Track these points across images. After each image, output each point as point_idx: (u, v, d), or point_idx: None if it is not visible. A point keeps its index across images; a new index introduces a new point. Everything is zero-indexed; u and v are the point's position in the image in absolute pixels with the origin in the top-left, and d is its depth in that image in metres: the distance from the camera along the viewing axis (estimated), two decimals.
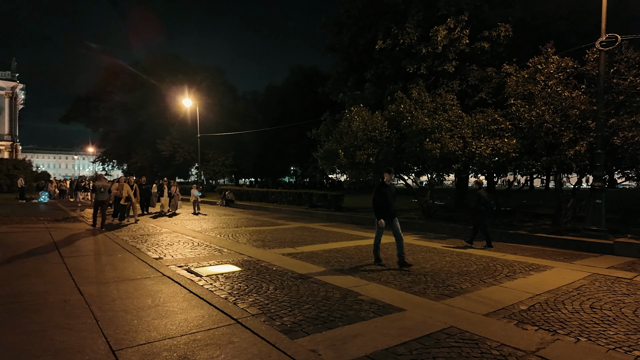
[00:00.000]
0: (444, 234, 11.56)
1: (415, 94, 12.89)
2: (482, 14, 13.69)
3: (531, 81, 11.01)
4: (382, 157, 12.78)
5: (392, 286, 5.78)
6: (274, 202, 23.48)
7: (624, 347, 3.69)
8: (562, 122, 10.24)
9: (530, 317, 4.47)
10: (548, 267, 7.20)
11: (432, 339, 3.82)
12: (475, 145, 10.88)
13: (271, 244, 9.61)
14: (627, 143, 9.15)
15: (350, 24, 16.94)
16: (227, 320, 4.16)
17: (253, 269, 6.80)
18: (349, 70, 18.11)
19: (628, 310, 4.77)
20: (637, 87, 9.62)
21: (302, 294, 5.27)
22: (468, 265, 7.25)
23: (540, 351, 3.56)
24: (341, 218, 15.83)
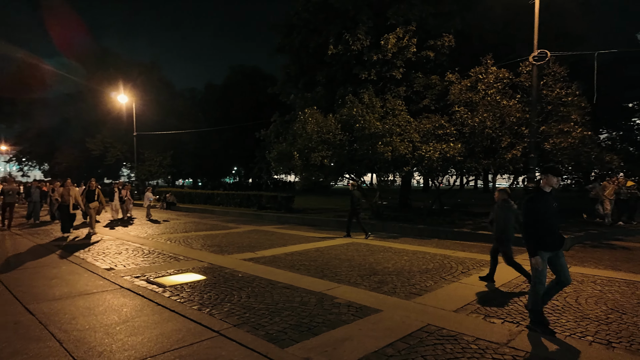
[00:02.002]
0: (394, 233, 12.06)
1: (367, 98, 13.30)
2: (427, 25, 14.50)
3: (473, 90, 11.91)
4: (335, 159, 13.01)
5: (363, 287, 5.93)
6: (220, 204, 22.78)
7: (577, 333, 4.16)
8: (501, 128, 11.21)
9: (494, 311, 4.86)
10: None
11: (414, 337, 4.00)
12: (424, 149, 11.51)
13: (229, 248, 9.34)
14: (556, 148, 10.28)
15: (300, 27, 16.99)
16: (208, 333, 4.00)
17: (218, 276, 6.58)
18: (300, 72, 18.15)
19: (571, 299, 5.38)
20: (562, 99, 10.85)
21: (278, 301, 5.21)
22: (426, 264, 7.66)
23: (511, 342, 3.89)
24: (293, 220, 15.82)
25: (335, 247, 9.66)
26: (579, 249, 9.46)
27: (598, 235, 11.12)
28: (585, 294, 5.63)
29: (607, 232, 11.48)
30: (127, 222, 15.28)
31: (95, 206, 11.99)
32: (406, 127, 12.69)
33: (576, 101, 10.90)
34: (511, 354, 3.62)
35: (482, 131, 11.21)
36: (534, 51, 10.61)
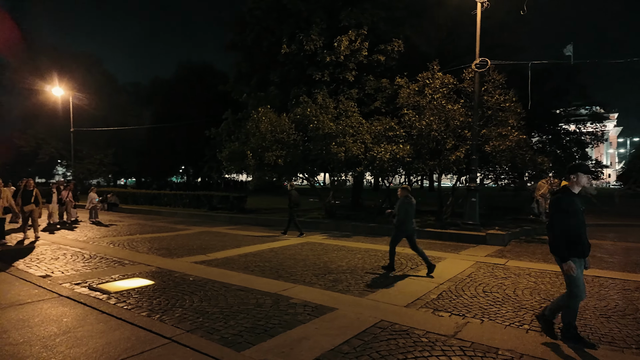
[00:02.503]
0: (347, 232, 12.29)
1: (320, 99, 13.43)
2: (378, 29, 14.94)
3: (420, 94, 12.45)
4: (290, 159, 13.00)
5: (318, 286, 5.99)
6: (167, 205, 21.82)
7: (515, 322, 4.51)
8: (446, 131, 11.83)
9: (442, 305, 5.13)
10: (442, 258, 8.28)
11: (369, 334, 4.12)
12: (376, 150, 11.85)
13: (178, 251, 9.00)
14: (495, 150, 11.04)
15: (253, 24, 16.76)
16: (159, 340, 3.83)
17: (168, 280, 6.32)
18: (252, 71, 17.90)
19: (509, 291, 5.82)
20: (501, 104, 11.68)
21: (232, 304, 5.12)
22: (378, 261, 7.90)
23: (458, 334, 4.13)
24: (246, 220, 15.57)
25: (289, 247, 9.66)
26: (515, 244, 10.24)
27: (531, 231, 12.10)
28: (522, 285, 6.11)
29: (538, 228, 12.52)
30: (67, 225, 14.16)
31: (32, 209, 10.97)
32: (359, 129, 12.99)
33: (513, 107, 11.79)
34: (458, 345, 3.84)
35: (428, 134, 11.76)
36: (476, 59, 11.32)
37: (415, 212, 7.13)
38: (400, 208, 6.97)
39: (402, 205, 6.98)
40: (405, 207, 6.94)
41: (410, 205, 6.97)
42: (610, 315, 4.81)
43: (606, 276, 6.74)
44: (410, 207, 6.96)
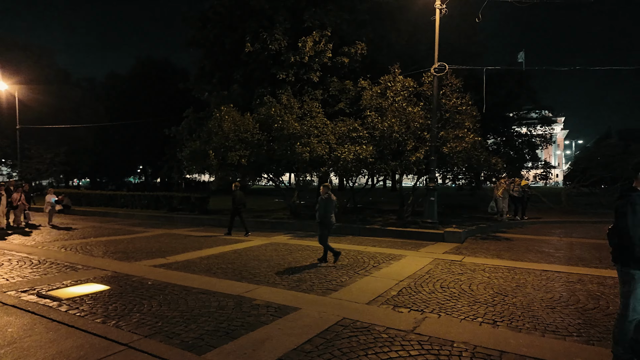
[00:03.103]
0: (312, 232, 12.33)
1: (285, 99, 13.40)
2: (341, 31, 15.11)
3: (383, 96, 12.73)
4: (253, 158, 12.88)
5: (282, 287, 5.99)
6: (125, 206, 20.91)
7: (470, 316, 4.74)
8: (406, 132, 12.17)
9: (402, 301, 5.29)
10: (402, 256, 8.52)
11: (331, 332, 4.18)
12: (340, 150, 11.99)
13: (136, 255, 8.67)
14: (452, 152, 11.49)
15: (216, 21, 16.42)
16: (115, 347, 3.69)
17: (125, 285, 6.08)
18: (214, 68, 17.52)
19: (465, 286, 6.09)
20: (458, 107, 12.18)
21: (193, 307, 5.01)
22: (341, 260, 8.00)
23: (416, 329, 4.28)
24: (208, 222, 15.23)
25: (253, 248, 9.57)
26: (471, 241, 10.72)
27: (486, 228, 12.71)
28: (476, 280, 6.42)
29: (493, 226, 13.18)
30: (20, 230, 13.18)
31: None
32: (323, 129, 13.08)
33: (469, 110, 12.33)
34: (417, 340, 3.99)
35: (390, 135, 12.05)
36: (435, 63, 11.74)
37: (335, 208, 7.76)
38: (321, 204, 7.59)
39: (322, 201, 7.60)
40: (325, 204, 7.56)
41: (330, 202, 7.59)
42: (555, 306, 5.16)
43: (553, 270, 7.22)
44: (328, 203, 7.57)
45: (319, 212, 7.65)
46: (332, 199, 7.68)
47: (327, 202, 7.61)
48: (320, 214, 7.62)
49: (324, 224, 7.65)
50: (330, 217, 7.64)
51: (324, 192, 7.76)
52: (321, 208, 7.60)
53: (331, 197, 7.69)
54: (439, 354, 3.65)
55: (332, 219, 7.67)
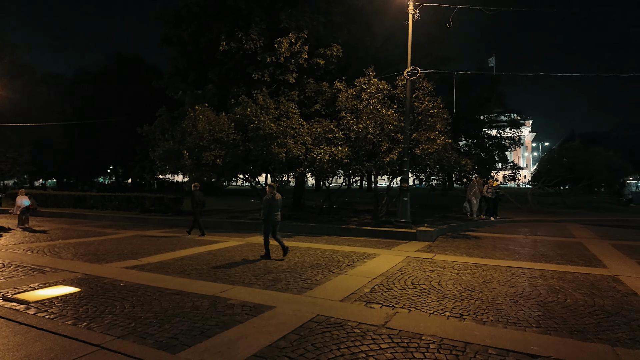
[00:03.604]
0: (288, 232, 12.38)
1: (261, 100, 13.39)
2: (317, 32, 15.23)
3: (358, 98, 12.95)
4: (229, 159, 12.81)
5: (257, 287, 6.05)
6: (94, 207, 20.29)
7: (438, 310, 4.95)
8: (381, 134, 12.44)
9: (374, 298, 5.46)
10: (376, 254, 8.72)
11: (305, 328, 4.28)
12: (316, 151, 12.11)
13: (107, 257, 8.49)
14: (424, 153, 11.83)
15: (190, 19, 16.18)
16: (87, 348, 3.66)
17: (96, 287, 5.97)
18: (189, 67, 17.25)
19: (435, 282, 6.33)
20: (429, 110, 12.54)
21: (167, 308, 4.99)
22: (317, 259, 8.12)
23: (387, 323, 4.45)
24: (182, 223, 14.98)
25: (228, 249, 9.54)
26: (442, 239, 11.07)
27: (457, 227, 13.14)
28: (446, 277, 6.67)
29: (463, 225, 13.64)
30: None
31: None
32: (299, 130, 13.16)
33: (440, 113, 12.72)
34: (387, 333, 4.15)
35: (365, 136, 12.28)
36: (408, 67, 12.06)
37: (279, 206, 8.32)
38: (264, 203, 8.18)
39: (266, 200, 8.18)
40: (268, 202, 8.14)
41: (273, 201, 8.19)
42: (517, 300, 5.45)
43: (517, 266, 7.58)
44: (272, 202, 8.17)
45: (262, 211, 8.22)
46: (276, 198, 8.23)
47: (271, 201, 8.18)
48: (263, 212, 8.18)
49: (268, 221, 8.21)
50: (274, 215, 8.22)
51: (269, 192, 8.29)
52: (266, 207, 8.16)
53: (275, 196, 8.24)
54: (408, 346, 3.82)
55: (276, 217, 8.24)
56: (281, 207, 8.52)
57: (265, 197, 8.23)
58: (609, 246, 9.86)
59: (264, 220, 8.24)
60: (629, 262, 7.98)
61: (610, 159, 20.12)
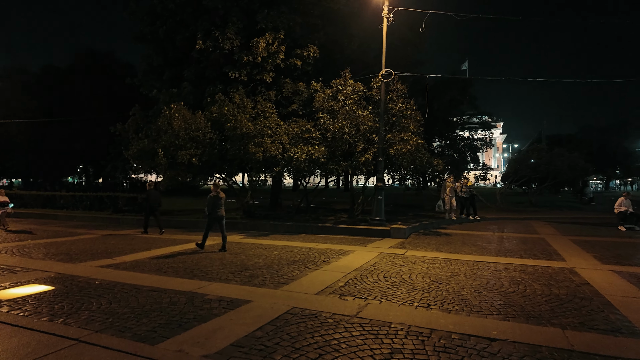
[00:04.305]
0: (265, 231, 12.51)
1: (238, 99, 13.43)
2: (294, 33, 15.39)
3: (334, 99, 13.21)
4: (205, 158, 12.79)
5: (234, 283, 6.17)
6: (64, 207, 19.71)
7: (408, 301, 5.24)
8: (356, 134, 12.73)
9: (348, 291, 5.69)
10: (351, 251, 8.98)
11: (281, 320, 4.46)
12: (293, 151, 12.27)
13: (81, 256, 8.39)
14: (398, 153, 12.21)
15: (165, 17, 16.01)
16: (65, 342, 3.72)
17: (70, 285, 5.94)
18: (164, 65, 17.05)
19: (405, 276, 6.63)
20: (403, 112, 12.94)
21: (144, 304, 5.06)
22: (293, 256, 8.29)
23: (359, 314, 4.68)
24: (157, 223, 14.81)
25: (205, 247, 9.57)
26: (415, 236, 11.46)
27: (429, 225, 13.60)
28: (416, 271, 6.99)
29: (435, 222, 14.12)
30: None
31: None
32: (276, 130, 13.29)
33: (413, 114, 13.14)
34: (359, 322, 4.38)
35: (341, 137, 12.54)
36: (383, 70, 12.41)
37: (222, 204, 9.06)
38: (209, 200, 8.97)
39: (210, 198, 8.97)
40: (212, 200, 8.92)
41: (216, 199, 8.93)
42: (482, 290, 5.81)
43: (484, 260, 8.00)
44: (215, 200, 8.93)
45: (207, 207, 8.99)
46: (219, 196, 8.99)
47: (215, 199, 8.95)
48: (207, 208, 8.99)
49: (212, 216, 8.99)
50: (217, 212, 8.98)
51: (213, 190, 9.01)
52: (210, 204, 8.97)
53: (219, 195, 9.00)
54: (378, 333, 4.06)
55: (219, 212, 8.99)
56: (258, 207, 8.73)
57: (210, 195, 8.98)
58: (569, 241, 10.48)
59: (208, 216, 9.01)
60: (585, 255, 8.55)
61: (573, 160, 21.20)
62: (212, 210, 8.97)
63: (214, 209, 8.98)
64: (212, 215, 8.99)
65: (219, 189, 9.08)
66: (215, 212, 8.97)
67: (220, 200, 9.02)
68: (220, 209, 9.02)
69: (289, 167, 12.61)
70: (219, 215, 9.01)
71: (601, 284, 6.12)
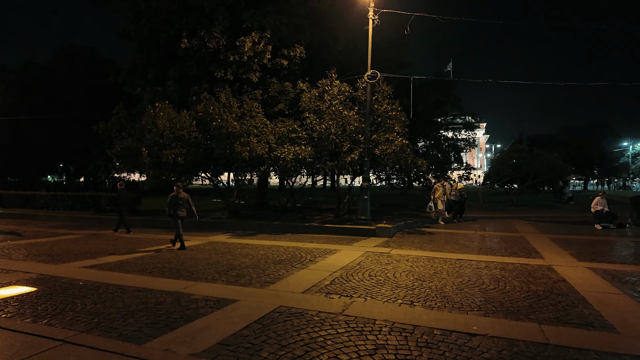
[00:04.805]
0: (252, 231, 12.52)
1: (224, 98, 13.39)
2: (281, 33, 15.39)
3: (321, 99, 13.29)
4: (190, 157, 12.71)
5: (220, 282, 6.20)
6: (45, 207, 19.31)
7: (392, 298, 5.36)
8: (342, 134, 12.85)
9: (334, 289, 5.79)
10: (337, 250, 9.09)
11: (268, 318, 4.53)
12: (279, 150, 12.31)
13: (63, 257, 8.27)
14: (383, 154, 12.37)
15: (150, 14, 15.81)
16: (50, 343, 3.70)
17: (54, 287, 5.88)
18: (149, 63, 16.85)
19: (390, 274, 6.77)
20: (388, 113, 13.11)
21: (130, 304, 5.05)
22: (280, 256, 8.35)
23: (344, 311, 4.78)
24: (141, 223, 14.62)
25: (191, 247, 9.55)
26: (400, 235, 11.64)
27: (413, 224, 13.82)
28: (400, 269, 7.14)
29: (419, 222, 14.35)
30: None
31: None
32: (263, 129, 13.30)
33: (398, 115, 13.32)
34: (344, 320, 4.48)
35: (327, 137, 12.63)
36: (368, 71, 12.55)
37: (182, 204, 9.29)
38: (169, 200, 9.23)
39: (170, 197, 9.23)
40: (172, 200, 9.18)
41: (176, 199, 9.20)
42: (463, 288, 5.97)
43: (466, 258, 8.21)
44: (175, 199, 9.19)
45: (167, 207, 9.25)
46: (179, 196, 9.24)
47: (175, 199, 9.19)
48: (169, 208, 9.22)
49: (174, 216, 9.18)
50: (178, 211, 9.18)
51: (175, 190, 9.27)
52: (170, 203, 9.20)
53: (180, 194, 9.24)
54: (363, 330, 4.16)
55: (179, 212, 9.19)
56: (244, 207, 8.73)
57: (171, 195, 9.24)
58: (548, 240, 10.81)
59: (171, 216, 9.21)
60: (563, 253, 8.85)
61: (552, 160, 21.81)
62: (174, 210, 9.16)
63: (175, 209, 9.16)
64: (174, 215, 9.16)
65: (180, 189, 9.31)
66: (176, 212, 9.16)
67: (180, 200, 9.21)
68: (181, 209, 9.21)
69: (276, 166, 12.65)
70: (179, 215, 9.18)
71: (576, 281, 6.36)
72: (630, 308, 5.01)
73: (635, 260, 8.14)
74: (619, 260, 8.12)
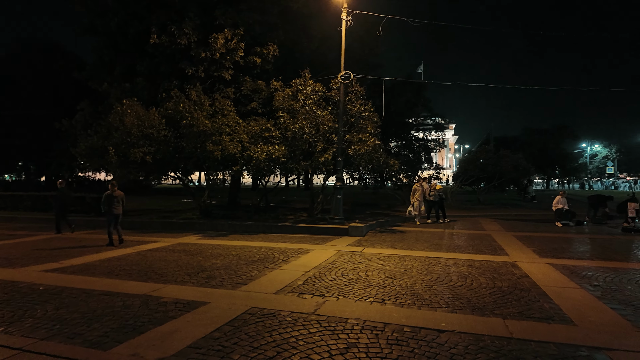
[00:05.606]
0: (224, 231, 12.33)
1: (194, 95, 13.12)
2: (253, 31, 15.23)
3: (294, 98, 13.26)
4: (160, 156, 12.39)
5: (190, 284, 6.08)
6: (3, 208, 18.28)
7: (363, 297, 5.43)
8: (316, 134, 12.88)
9: (306, 289, 5.80)
10: (310, 250, 9.10)
11: (239, 320, 4.48)
12: (252, 150, 12.19)
13: (22, 261, 7.87)
14: (356, 154, 12.50)
15: (118, 8, 15.25)
16: (5, 352, 3.52)
17: (11, 292, 5.58)
18: (116, 59, 16.24)
19: (362, 273, 6.85)
20: (361, 113, 13.26)
21: (95, 308, 4.87)
22: (252, 256, 8.28)
23: (317, 311, 4.80)
24: (103, 224, 14.08)
25: (160, 249, 9.31)
26: (372, 234, 11.80)
27: (385, 223, 14.04)
28: (372, 267, 7.24)
29: (390, 220, 14.60)
30: None
31: None
32: (236, 128, 13.13)
33: (371, 116, 13.50)
34: (317, 319, 4.50)
35: (301, 136, 12.63)
36: (342, 71, 12.65)
37: (118, 201, 9.63)
38: (104, 198, 9.63)
39: (105, 196, 9.64)
40: (108, 199, 9.56)
41: (110, 197, 9.55)
42: (432, 285, 6.13)
43: (435, 256, 8.42)
44: (110, 198, 9.54)
45: (102, 205, 9.61)
46: (114, 195, 9.59)
47: (110, 197, 9.55)
48: (104, 206, 9.57)
49: (108, 214, 9.50)
50: (113, 209, 9.51)
51: (110, 188, 9.65)
52: (105, 201, 9.56)
53: (114, 193, 9.61)
54: (335, 329, 4.20)
55: (114, 210, 9.53)
56: (215, 206, 8.61)
57: (105, 193, 9.62)
58: (512, 237, 11.26)
59: (105, 214, 9.52)
60: (526, 250, 9.24)
61: (517, 160, 22.71)
62: (109, 208, 9.46)
63: (111, 207, 9.47)
64: (108, 213, 9.45)
65: (115, 188, 9.65)
66: (111, 210, 9.44)
67: (115, 198, 9.55)
68: (117, 206, 9.58)
69: (249, 166, 12.52)
70: (114, 213, 9.50)
71: (538, 276, 6.66)
72: (587, 301, 5.30)
73: (591, 256, 8.62)
74: (577, 256, 8.57)
